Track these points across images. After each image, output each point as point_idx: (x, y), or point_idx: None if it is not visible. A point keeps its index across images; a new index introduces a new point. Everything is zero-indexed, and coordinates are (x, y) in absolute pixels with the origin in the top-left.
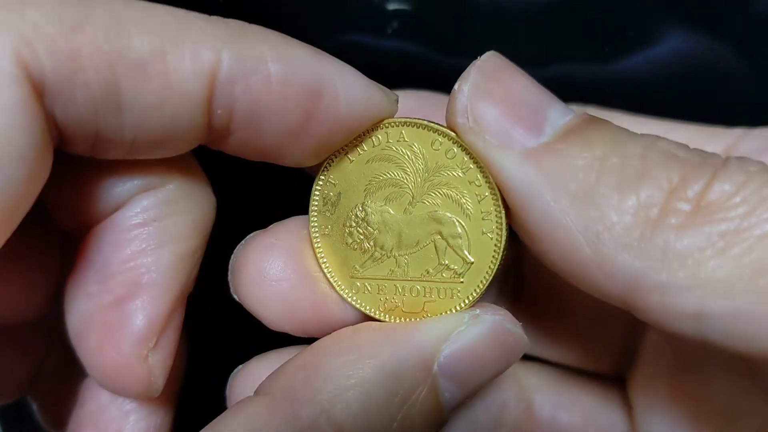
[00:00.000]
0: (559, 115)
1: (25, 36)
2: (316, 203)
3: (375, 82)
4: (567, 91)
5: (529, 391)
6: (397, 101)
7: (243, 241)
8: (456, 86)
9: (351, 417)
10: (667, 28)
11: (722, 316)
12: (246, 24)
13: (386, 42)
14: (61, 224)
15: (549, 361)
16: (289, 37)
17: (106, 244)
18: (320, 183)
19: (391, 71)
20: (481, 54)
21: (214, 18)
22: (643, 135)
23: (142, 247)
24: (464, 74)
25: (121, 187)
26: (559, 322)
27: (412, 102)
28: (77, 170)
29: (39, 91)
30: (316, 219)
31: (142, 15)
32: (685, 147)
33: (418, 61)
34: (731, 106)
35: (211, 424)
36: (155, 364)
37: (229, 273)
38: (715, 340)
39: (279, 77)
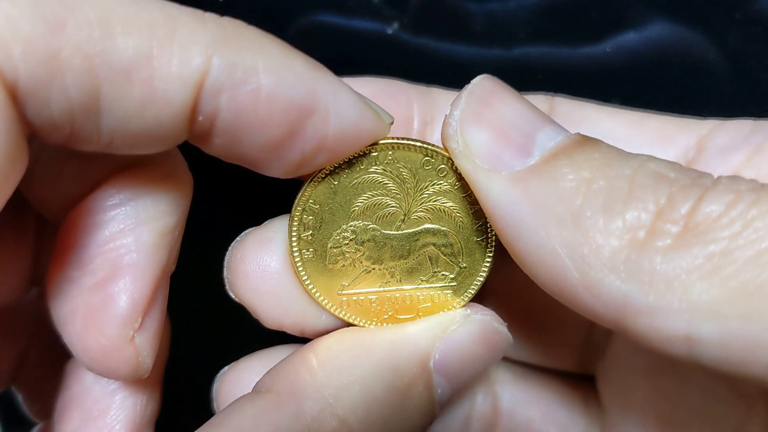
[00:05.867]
0: (548, 137)
1: None
2: (296, 229)
3: (371, 102)
4: (538, 75)
5: (494, 384)
6: (391, 124)
7: (238, 237)
8: (448, 111)
9: (354, 411)
10: (645, 17)
11: (711, 340)
12: (243, 25)
13: (358, 22)
14: (36, 206)
15: (514, 360)
16: (287, 46)
17: (84, 227)
18: (299, 209)
19: (360, 53)
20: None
21: (209, 15)
22: (634, 155)
23: (120, 227)
24: (456, 99)
25: (94, 166)
26: (522, 320)
27: (367, 89)
28: (49, 151)
29: (11, 93)
30: (296, 244)
31: (129, 11)
32: (678, 166)
33: (389, 43)
34: (704, 98)
35: (213, 420)
36: (142, 344)
37: (225, 270)
38: (707, 364)
39: (269, 91)
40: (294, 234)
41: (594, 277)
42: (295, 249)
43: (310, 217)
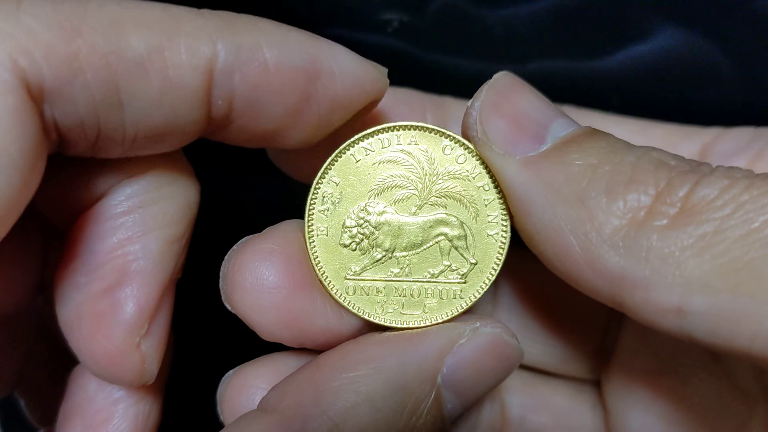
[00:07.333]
0: (561, 127)
1: (21, 43)
2: (315, 202)
3: (364, 58)
4: (547, 88)
5: (501, 391)
6: (387, 74)
7: (235, 246)
8: (469, 103)
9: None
10: (654, 25)
11: (702, 312)
12: (236, 14)
13: (371, 37)
14: (44, 214)
15: (524, 366)
16: (280, 23)
17: (93, 234)
18: (322, 181)
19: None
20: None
21: (205, 11)
22: (639, 146)
23: (129, 234)
24: (477, 92)
25: (104, 175)
26: (534, 325)
27: (386, 99)
28: (60, 160)
29: (38, 97)
30: (313, 218)
31: (135, 13)
32: (679, 157)
33: (402, 58)
34: (714, 105)
35: None
36: (148, 350)
37: (220, 280)
38: (698, 337)
39: (275, 63)
40: (312, 208)
41: (595, 252)
42: (310, 224)
43: (330, 191)
